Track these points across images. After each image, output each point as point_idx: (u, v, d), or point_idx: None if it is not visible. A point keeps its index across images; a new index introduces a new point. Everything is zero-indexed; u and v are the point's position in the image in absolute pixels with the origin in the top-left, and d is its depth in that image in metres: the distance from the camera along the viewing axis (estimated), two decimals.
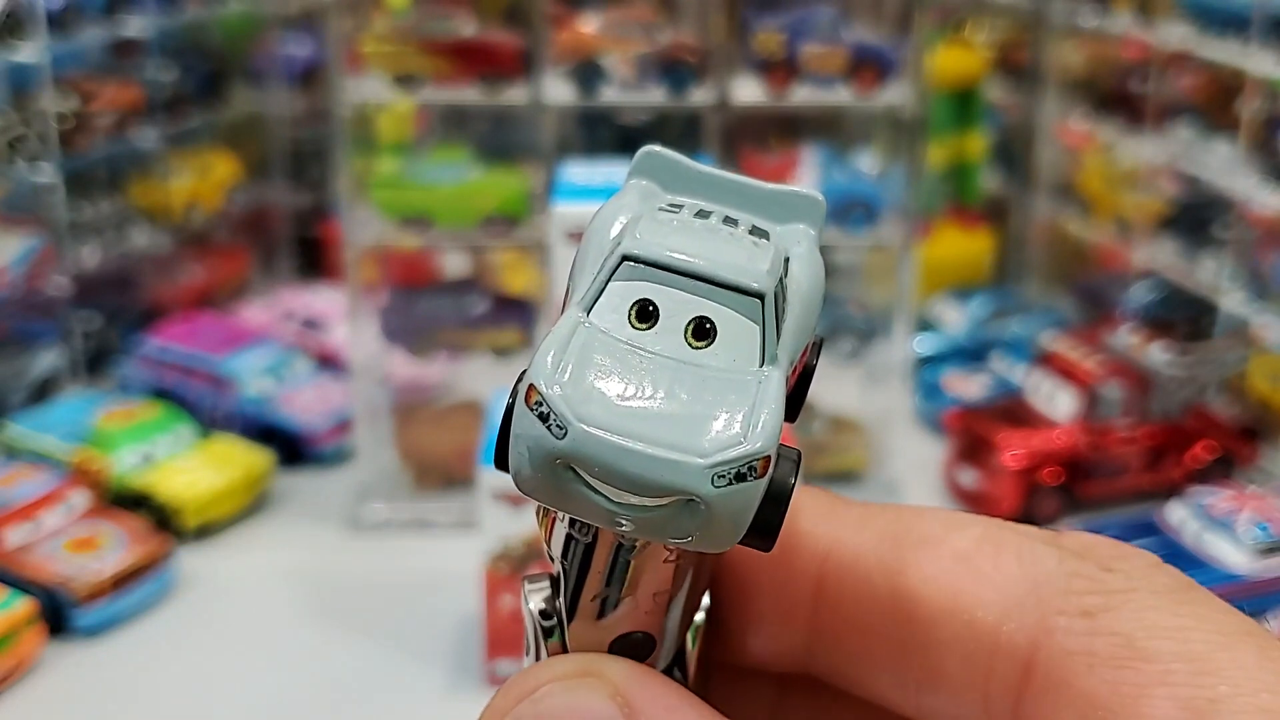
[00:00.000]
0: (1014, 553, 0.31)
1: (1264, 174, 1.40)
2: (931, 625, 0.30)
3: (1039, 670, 0.29)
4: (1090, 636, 0.28)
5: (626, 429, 0.26)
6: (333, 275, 1.72)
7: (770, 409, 0.26)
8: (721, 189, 0.30)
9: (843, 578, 0.32)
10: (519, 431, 0.26)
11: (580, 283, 0.28)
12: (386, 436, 1.37)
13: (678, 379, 0.26)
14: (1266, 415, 1.41)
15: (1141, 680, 0.27)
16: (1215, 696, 0.26)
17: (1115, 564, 0.30)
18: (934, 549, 0.31)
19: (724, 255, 0.28)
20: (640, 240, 0.28)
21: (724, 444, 0.26)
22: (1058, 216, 1.80)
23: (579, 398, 0.26)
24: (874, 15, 1.43)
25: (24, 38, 1.43)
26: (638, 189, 0.30)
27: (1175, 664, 0.27)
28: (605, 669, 0.30)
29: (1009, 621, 0.29)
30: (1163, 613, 0.28)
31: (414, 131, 1.49)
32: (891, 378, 1.40)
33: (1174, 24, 1.53)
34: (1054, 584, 0.29)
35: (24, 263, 1.49)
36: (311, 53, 1.88)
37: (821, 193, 0.30)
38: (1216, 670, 0.27)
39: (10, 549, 1.15)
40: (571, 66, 1.31)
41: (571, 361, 0.26)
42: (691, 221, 0.29)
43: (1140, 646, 0.28)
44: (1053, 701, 0.28)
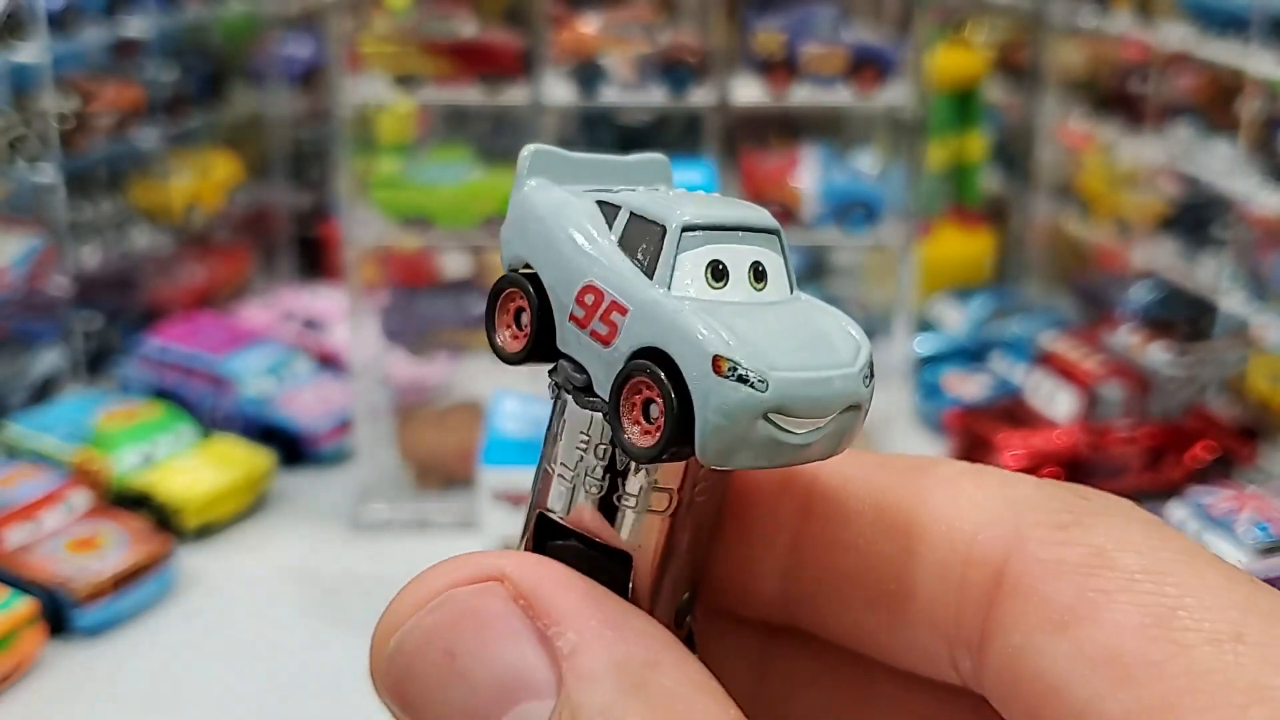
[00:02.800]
0: (996, 477, 0.31)
1: (1264, 174, 1.40)
2: (910, 537, 0.31)
3: (1009, 578, 0.29)
4: (1061, 546, 0.29)
5: (801, 364, 0.29)
6: (333, 275, 1.72)
7: (849, 319, 0.31)
8: (601, 169, 0.34)
9: (829, 496, 0.32)
10: (718, 403, 0.28)
11: (570, 275, 0.30)
12: (386, 436, 1.37)
13: (782, 316, 0.30)
14: (1266, 415, 1.41)
15: (1108, 586, 0.27)
16: (1179, 605, 0.27)
17: (1092, 495, 0.30)
18: (919, 475, 0.32)
19: (738, 207, 0.31)
20: (686, 212, 0.30)
21: (855, 353, 0.30)
22: (1058, 216, 1.80)
23: (756, 354, 0.28)
24: (874, 15, 1.43)
25: (25, 38, 1.43)
26: (546, 186, 0.33)
27: (1141, 575, 0.27)
28: (508, 569, 0.29)
29: (984, 531, 0.30)
30: (1133, 532, 0.29)
31: (414, 132, 1.49)
32: (892, 378, 1.40)
33: (1174, 24, 1.53)
34: (1031, 502, 0.30)
35: (25, 263, 1.49)
36: (312, 53, 1.88)
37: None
38: (1182, 584, 0.27)
39: (11, 549, 1.15)
40: (571, 67, 1.31)
41: (720, 327, 0.28)
42: (680, 191, 0.32)
43: (1109, 556, 0.28)
44: (1020, 606, 0.29)
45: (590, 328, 0.30)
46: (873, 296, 1.49)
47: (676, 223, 0.30)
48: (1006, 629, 0.29)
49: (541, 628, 0.27)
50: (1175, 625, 0.26)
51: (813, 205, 1.35)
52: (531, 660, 0.27)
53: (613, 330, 0.30)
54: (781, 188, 1.37)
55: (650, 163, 0.35)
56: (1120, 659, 0.26)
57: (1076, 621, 0.27)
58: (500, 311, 0.32)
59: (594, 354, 0.30)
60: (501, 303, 0.32)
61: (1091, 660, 0.27)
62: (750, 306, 0.30)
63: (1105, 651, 0.27)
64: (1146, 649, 0.26)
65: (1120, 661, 0.26)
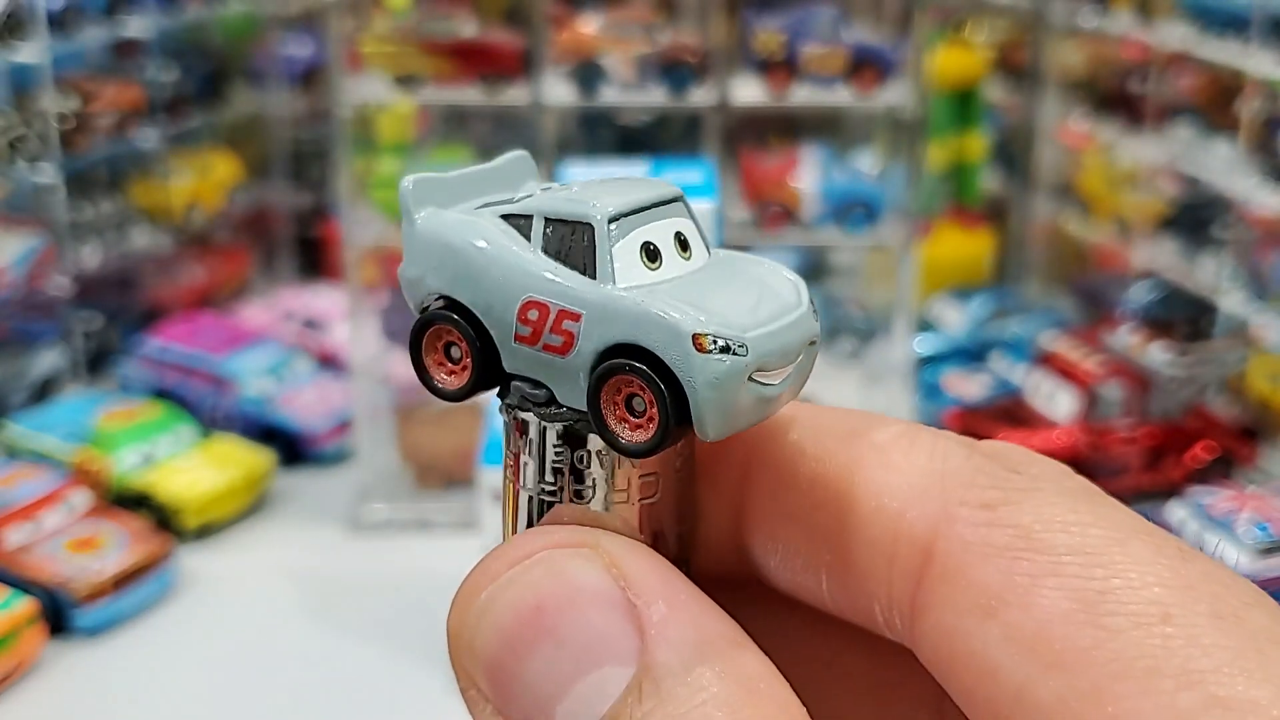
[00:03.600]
0: (926, 448, 0.31)
1: (1264, 174, 1.40)
2: (842, 510, 0.31)
3: (937, 558, 0.29)
4: (988, 528, 0.29)
5: (765, 318, 0.30)
6: (333, 275, 1.72)
7: (773, 262, 0.32)
8: (477, 181, 0.33)
9: (765, 464, 0.32)
10: (709, 379, 0.28)
11: (504, 297, 0.30)
12: (386, 436, 1.37)
13: (722, 278, 0.31)
14: (1266, 415, 1.41)
15: (1035, 571, 0.27)
16: (1105, 589, 0.27)
17: (1022, 466, 0.30)
18: (853, 440, 0.32)
19: (643, 185, 0.32)
20: (605, 204, 0.30)
21: (797, 292, 0.31)
22: (1058, 216, 1.80)
23: (727, 321, 0.29)
24: (874, 15, 1.43)
25: (25, 38, 1.43)
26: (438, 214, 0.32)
27: (1069, 557, 0.27)
28: (601, 541, 0.29)
29: (912, 509, 0.30)
30: (1061, 509, 0.29)
31: (414, 132, 1.49)
32: (892, 378, 1.40)
33: (1174, 24, 1.53)
34: (959, 478, 0.30)
35: (25, 263, 1.49)
36: (312, 53, 1.88)
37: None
38: (1110, 564, 0.27)
39: (11, 549, 1.15)
40: (571, 67, 1.31)
41: (686, 306, 0.29)
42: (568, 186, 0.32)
43: (1036, 538, 0.28)
44: (949, 589, 0.29)
45: (542, 342, 0.30)
46: (873, 296, 1.49)
47: (601, 216, 0.30)
48: (937, 609, 0.29)
49: (632, 596, 0.28)
50: (1103, 609, 0.26)
51: (813, 205, 1.35)
52: (618, 627, 0.27)
53: (568, 339, 0.29)
54: (781, 188, 1.37)
55: (516, 161, 0.34)
56: (1050, 645, 0.26)
57: (1004, 607, 0.27)
58: (428, 352, 0.31)
59: (551, 367, 0.30)
60: (427, 343, 0.31)
61: (1021, 646, 0.27)
62: (691, 277, 0.30)
63: (1034, 638, 0.27)
64: (1074, 634, 0.26)
65: (1050, 647, 0.26)
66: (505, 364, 0.30)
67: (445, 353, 0.31)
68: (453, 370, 0.31)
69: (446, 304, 0.31)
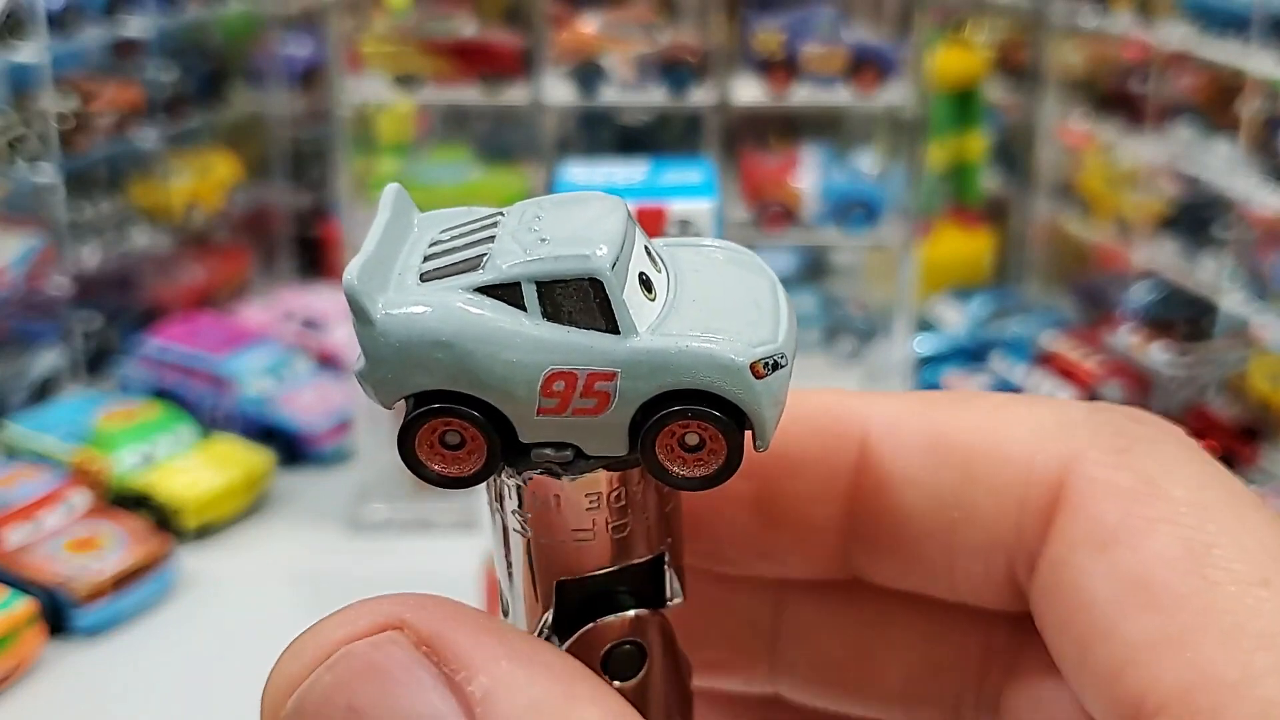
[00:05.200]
0: (1046, 403, 0.32)
1: (1264, 174, 1.40)
2: (968, 462, 0.31)
3: (1065, 496, 0.30)
4: (1115, 469, 0.29)
5: (775, 317, 0.30)
6: (333, 275, 1.72)
7: (724, 243, 0.33)
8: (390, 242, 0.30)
9: (882, 437, 0.33)
10: (771, 398, 0.29)
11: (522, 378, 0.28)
12: (386, 436, 1.37)
13: (706, 285, 0.30)
14: (1266, 415, 1.41)
15: (1152, 514, 0.28)
16: (1213, 543, 0.27)
17: (1145, 419, 0.31)
18: (970, 403, 0.33)
19: (595, 205, 0.30)
20: (599, 252, 0.28)
21: (759, 265, 0.32)
22: (1058, 216, 1.80)
23: (761, 339, 0.29)
24: (874, 15, 1.43)
25: (24, 38, 1.43)
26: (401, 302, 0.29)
27: (1185, 508, 0.28)
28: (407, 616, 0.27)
29: (1041, 452, 0.31)
30: (1183, 463, 0.30)
31: (414, 131, 1.49)
32: (892, 378, 1.40)
33: (1174, 24, 1.53)
34: (1087, 425, 0.31)
35: (24, 263, 1.49)
36: (311, 53, 1.88)
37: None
38: (1222, 522, 0.28)
39: (10, 549, 1.15)
40: (571, 66, 1.31)
41: (722, 337, 0.29)
42: (530, 227, 0.29)
43: (1157, 485, 0.29)
44: (1069, 523, 0.29)
45: (572, 408, 0.28)
46: (873, 296, 1.49)
47: (600, 266, 0.28)
48: (1054, 543, 0.30)
49: (449, 674, 0.26)
50: (1207, 561, 0.27)
51: (813, 205, 1.35)
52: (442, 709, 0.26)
53: (603, 399, 0.28)
54: (781, 188, 1.37)
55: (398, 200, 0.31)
56: (1149, 586, 0.27)
57: (1116, 544, 0.28)
58: (420, 446, 0.29)
59: (583, 427, 0.29)
60: (420, 438, 0.29)
61: (1123, 583, 0.28)
62: (686, 297, 0.30)
63: (1137, 577, 0.28)
64: (1176, 580, 0.27)
65: (1149, 588, 0.27)
66: (522, 436, 0.29)
67: (440, 442, 0.29)
68: (457, 457, 0.29)
69: (436, 395, 0.29)
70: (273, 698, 0.28)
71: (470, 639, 0.27)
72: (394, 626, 0.27)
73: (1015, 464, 0.31)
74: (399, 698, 0.26)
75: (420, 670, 0.26)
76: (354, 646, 0.27)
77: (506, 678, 0.26)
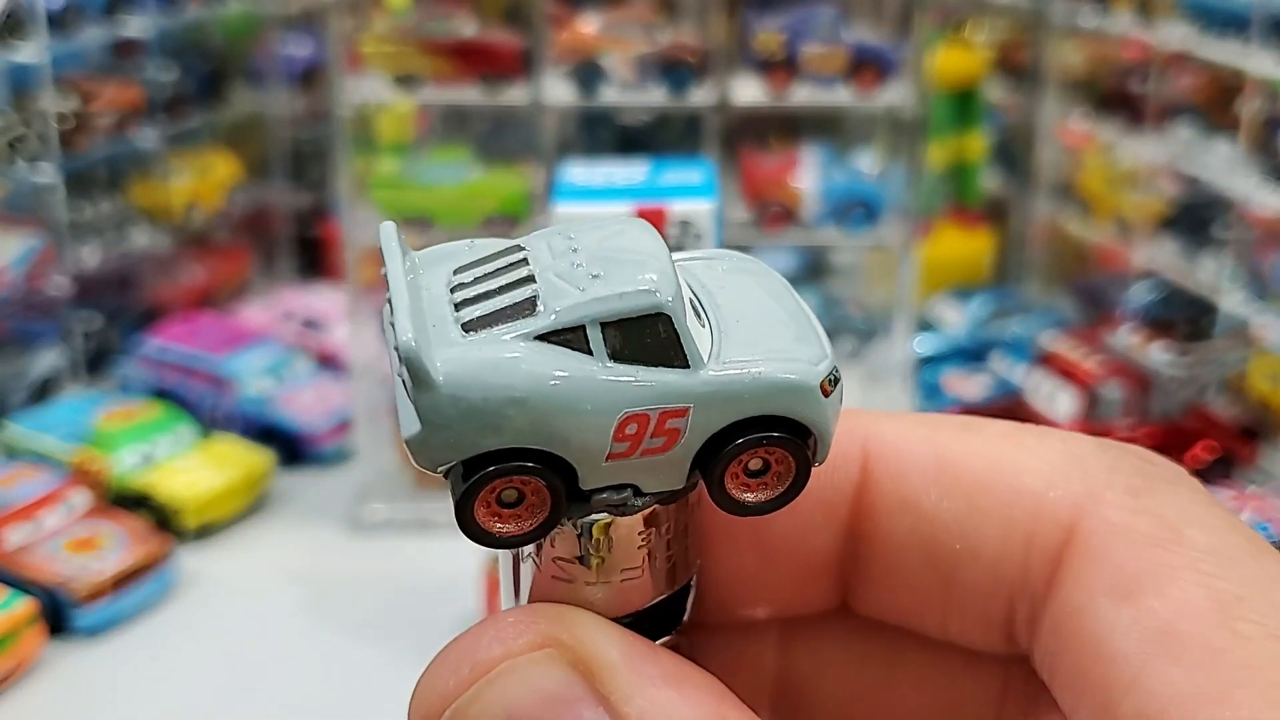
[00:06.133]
0: (1056, 435, 0.31)
1: (1264, 174, 1.40)
2: (975, 492, 0.30)
3: (1080, 538, 0.29)
4: (1134, 513, 0.28)
5: (817, 332, 0.30)
6: (333, 275, 1.72)
7: (736, 260, 0.33)
8: (414, 291, 0.28)
9: (885, 455, 0.32)
10: (833, 413, 0.29)
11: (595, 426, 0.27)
12: (386, 436, 1.37)
13: (744, 306, 0.30)
14: (1266, 415, 1.41)
15: (1176, 562, 0.27)
16: (1241, 595, 0.27)
17: (1157, 460, 0.30)
18: (976, 430, 0.32)
19: (635, 229, 0.30)
20: (660, 285, 0.27)
21: (783, 284, 0.32)
22: (1058, 216, 1.80)
23: (817, 358, 0.29)
24: (874, 15, 1.43)
25: (24, 38, 1.43)
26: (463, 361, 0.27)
27: (1208, 555, 0.27)
28: (562, 636, 0.27)
29: (1055, 489, 0.29)
30: (1200, 508, 0.29)
31: (414, 131, 1.49)
32: (892, 378, 1.40)
33: (1174, 24, 1.53)
34: (1101, 461, 0.30)
35: (24, 263, 1.49)
36: (311, 53, 1.88)
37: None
38: (1246, 571, 0.27)
39: (10, 549, 1.15)
40: (571, 66, 1.31)
41: (786, 361, 0.28)
42: (572, 262, 0.28)
43: (1180, 531, 0.28)
44: (1087, 569, 0.28)
45: (641, 449, 0.27)
46: (873, 296, 1.49)
47: (667, 300, 0.27)
48: (1069, 588, 0.29)
49: (605, 694, 0.27)
50: (1238, 614, 0.26)
51: (813, 205, 1.35)
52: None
53: (673, 436, 0.27)
54: (781, 188, 1.37)
55: (400, 241, 0.29)
56: (1179, 637, 0.26)
57: (1140, 592, 0.27)
58: (478, 509, 0.28)
59: (647, 466, 0.28)
60: (478, 505, 0.28)
61: (1150, 633, 0.27)
62: (731, 321, 0.29)
63: (1166, 627, 0.27)
64: (1206, 633, 0.26)
65: (1179, 640, 0.26)
66: (585, 484, 0.28)
67: (497, 501, 0.28)
68: (513, 515, 0.28)
69: (493, 454, 0.27)
70: (427, 708, 0.28)
71: (623, 659, 0.27)
72: (550, 644, 0.27)
73: (1025, 499, 0.30)
74: (554, 715, 0.27)
75: (580, 691, 0.27)
76: (516, 663, 0.27)
77: (660, 699, 0.27)
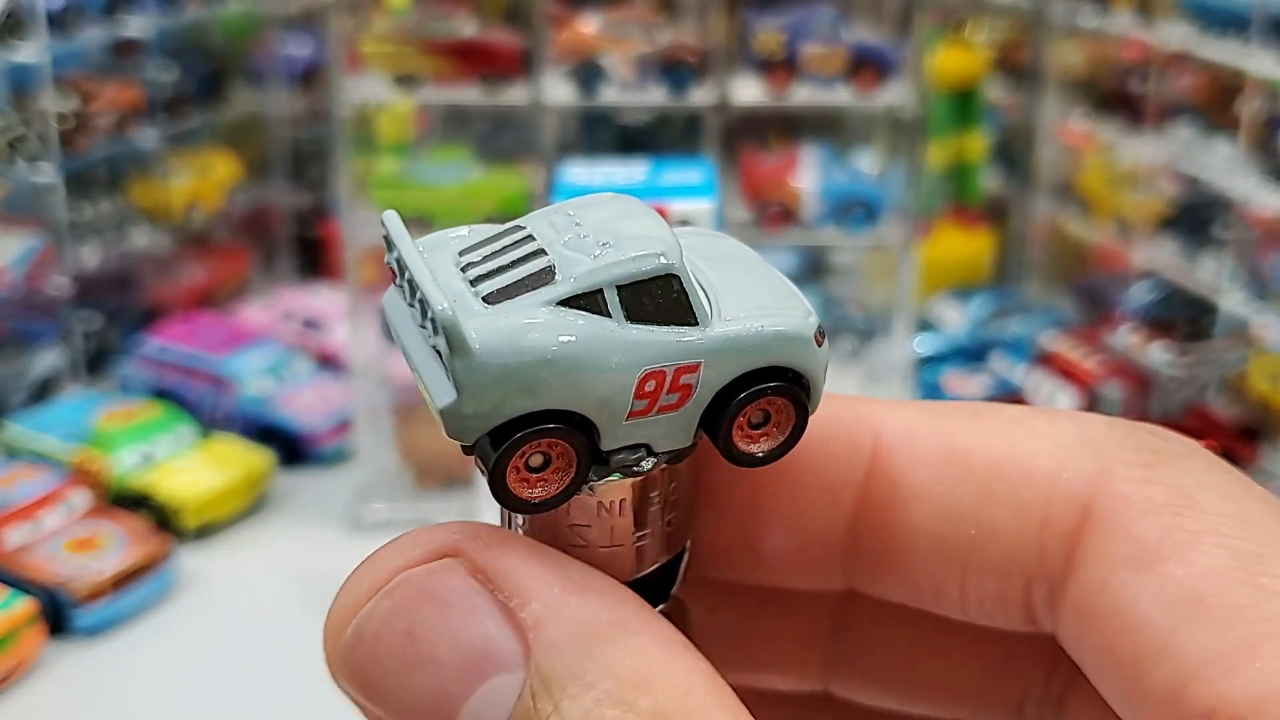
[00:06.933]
0: (1066, 417, 0.31)
1: (1264, 174, 1.40)
2: (987, 478, 0.31)
3: (1096, 514, 0.29)
4: (1148, 485, 0.29)
5: (792, 287, 0.31)
6: (333, 275, 1.72)
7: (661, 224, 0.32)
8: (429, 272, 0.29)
9: (895, 447, 0.32)
10: (824, 361, 0.30)
11: (620, 384, 0.28)
12: (386, 436, 1.37)
13: (726, 267, 0.31)
14: (1266, 415, 1.41)
15: (1194, 527, 0.28)
16: (1263, 552, 0.27)
17: (1168, 435, 0.31)
18: (985, 416, 0.32)
19: (628, 203, 0.31)
20: (667, 247, 0.29)
21: (741, 246, 0.33)
22: (1058, 216, 1.80)
23: (809, 309, 0.30)
24: (874, 15, 1.43)
25: (24, 38, 1.43)
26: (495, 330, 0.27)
27: (1226, 519, 0.28)
28: (464, 545, 0.27)
29: (1067, 470, 0.30)
30: (1215, 476, 0.29)
31: (414, 131, 1.49)
32: (892, 378, 1.40)
33: (1174, 24, 1.53)
34: (1112, 440, 0.30)
35: (24, 263, 1.49)
36: (311, 53, 1.88)
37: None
38: (1266, 530, 0.27)
39: (10, 549, 1.15)
40: (571, 66, 1.31)
41: (783, 313, 0.29)
42: (578, 235, 0.29)
43: (1195, 498, 0.28)
44: (1105, 543, 0.29)
45: (658, 406, 0.28)
46: (873, 296, 1.49)
47: (675, 260, 0.28)
48: (1090, 565, 0.29)
49: (503, 600, 0.27)
50: (1259, 570, 0.27)
51: (813, 205, 1.35)
52: (496, 634, 0.27)
53: (686, 392, 0.28)
54: (781, 188, 1.37)
55: (394, 222, 0.30)
56: (1204, 599, 0.27)
57: (1161, 560, 0.28)
58: (510, 474, 0.28)
59: (661, 425, 0.29)
60: (509, 472, 0.28)
61: (1175, 599, 0.27)
62: (721, 280, 0.30)
63: (1190, 591, 0.27)
64: (1231, 591, 0.27)
65: (1204, 602, 0.27)
66: (605, 444, 0.28)
67: (525, 467, 0.28)
68: (539, 480, 0.28)
69: (520, 420, 0.28)
70: (334, 625, 0.29)
71: (523, 566, 0.27)
72: (449, 554, 0.28)
73: (1038, 481, 0.30)
74: (455, 623, 0.27)
75: (476, 596, 0.27)
76: (411, 573, 0.28)
77: (558, 603, 0.27)
